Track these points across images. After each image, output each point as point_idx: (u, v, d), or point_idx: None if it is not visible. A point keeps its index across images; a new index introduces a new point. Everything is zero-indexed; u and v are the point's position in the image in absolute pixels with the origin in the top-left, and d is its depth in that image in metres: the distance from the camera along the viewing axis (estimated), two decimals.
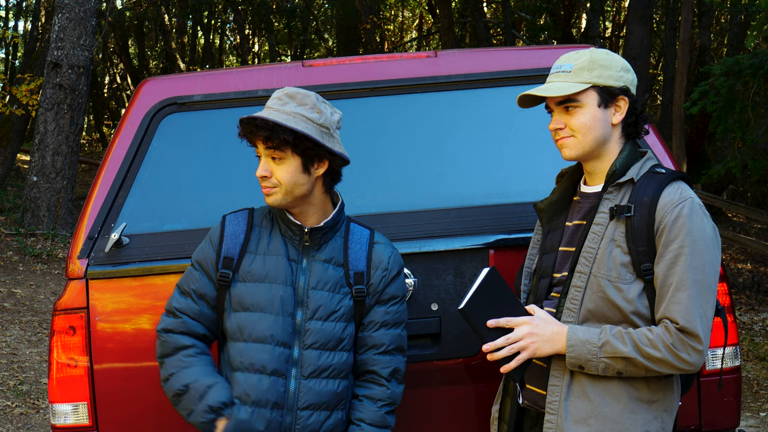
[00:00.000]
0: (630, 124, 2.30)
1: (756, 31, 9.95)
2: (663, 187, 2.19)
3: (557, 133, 2.30)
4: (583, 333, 2.18)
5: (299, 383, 2.34)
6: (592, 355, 2.16)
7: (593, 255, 2.22)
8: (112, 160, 2.85)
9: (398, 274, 2.47)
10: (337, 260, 2.41)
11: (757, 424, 5.71)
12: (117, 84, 26.47)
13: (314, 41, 24.10)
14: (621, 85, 2.27)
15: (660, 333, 2.13)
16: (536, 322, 2.21)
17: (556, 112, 2.29)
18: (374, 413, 2.41)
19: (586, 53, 2.29)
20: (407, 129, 2.95)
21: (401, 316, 2.47)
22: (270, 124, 2.28)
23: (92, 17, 10.50)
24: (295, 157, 2.32)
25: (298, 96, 2.35)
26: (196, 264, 2.44)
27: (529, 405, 2.38)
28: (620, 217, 2.21)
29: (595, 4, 16.17)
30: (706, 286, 2.13)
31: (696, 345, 2.11)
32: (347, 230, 2.46)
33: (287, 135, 2.28)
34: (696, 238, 2.13)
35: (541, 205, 2.44)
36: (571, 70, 2.26)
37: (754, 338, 7.80)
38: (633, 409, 2.20)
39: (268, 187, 2.35)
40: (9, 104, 12.11)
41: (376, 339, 2.42)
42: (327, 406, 2.36)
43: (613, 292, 2.19)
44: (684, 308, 2.11)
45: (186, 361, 2.37)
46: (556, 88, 2.26)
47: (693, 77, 13.12)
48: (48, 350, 3.24)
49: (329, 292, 2.37)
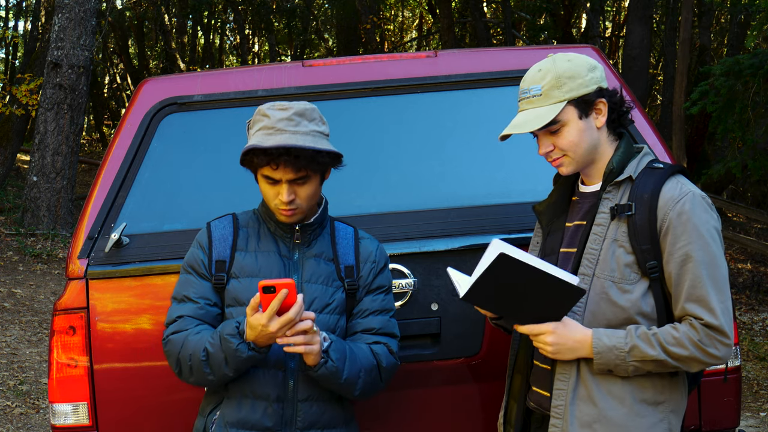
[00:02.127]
0: (614, 120, 2.28)
1: (756, 31, 9.95)
2: (662, 183, 2.18)
3: (549, 156, 2.28)
4: (609, 338, 2.15)
5: (298, 375, 2.34)
6: (621, 360, 2.14)
7: (596, 256, 2.21)
8: (112, 160, 2.85)
9: (385, 265, 2.50)
10: (327, 255, 2.43)
11: (757, 424, 5.71)
12: (117, 84, 26.47)
13: (314, 41, 24.10)
14: (594, 89, 2.22)
15: (686, 331, 2.11)
16: (560, 331, 2.17)
17: (541, 136, 2.27)
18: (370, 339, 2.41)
19: (548, 69, 2.23)
20: (407, 129, 2.95)
21: (388, 304, 2.48)
22: (309, 152, 2.24)
23: (92, 17, 10.50)
24: (316, 175, 2.33)
25: (306, 113, 2.31)
26: (189, 268, 2.42)
27: (534, 407, 2.37)
28: (621, 217, 2.19)
29: (595, 4, 16.16)
30: (720, 278, 2.13)
31: (723, 339, 2.10)
32: (332, 228, 2.49)
33: (325, 158, 2.28)
34: (702, 232, 2.12)
35: (540, 207, 2.44)
36: (541, 93, 2.21)
37: (754, 338, 7.80)
38: (638, 412, 2.18)
39: (292, 209, 2.33)
40: (9, 104, 12.11)
41: (364, 324, 2.42)
42: (326, 398, 2.37)
43: (617, 293, 2.18)
44: (705, 305, 2.10)
45: (197, 331, 2.33)
46: (535, 118, 2.21)
47: (693, 77, 13.12)
48: (48, 350, 3.24)
49: (323, 285, 2.39)
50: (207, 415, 2.41)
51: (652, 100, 19.50)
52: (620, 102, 2.28)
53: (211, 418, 2.39)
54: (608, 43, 20.04)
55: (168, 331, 2.38)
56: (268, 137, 2.26)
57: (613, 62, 15.42)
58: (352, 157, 2.47)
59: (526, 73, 2.29)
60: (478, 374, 2.78)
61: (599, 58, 2.95)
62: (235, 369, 2.27)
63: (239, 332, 2.23)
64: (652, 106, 19.51)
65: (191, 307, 2.37)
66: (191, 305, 2.38)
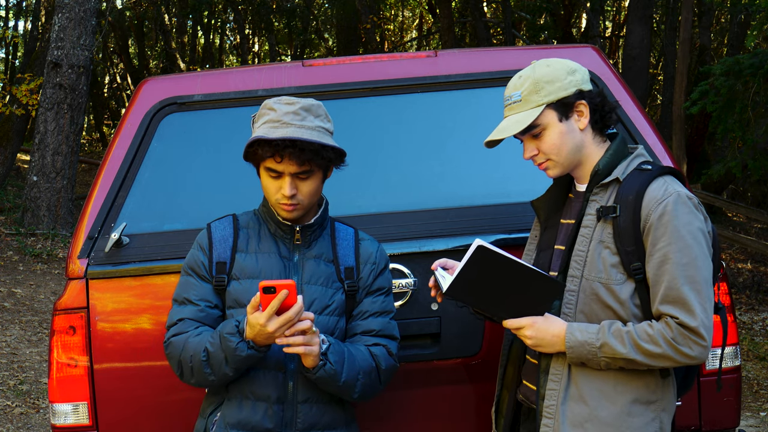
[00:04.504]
0: (597, 120, 2.29)
1: (756, 31, 9.95)
2: (648, 184, 2.18)
3: (534, 160, 2.32)
4: (581, 334, 2.17)
5: (297, 377, 2.34)
6: (592, 355, 2.17)
7: (583, 258, 2.23)
8: (112, 160, 2.85)
9: (385, 267, 2.50)
10: (327, 256, 2.42)
11: (757, 424, 5.71)
12: (117, 84, 26.47)
13: (314, 41, 24.10)
14: (573, 91, 2.24)
15: (660, 328, 2.12)
16: (538, 325, 2.20)
17: (525, 141, 2.31)
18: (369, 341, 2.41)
19: (528, 76, 2.27)
20: (407, 129, 2.95)
21: (388, 306, 2.48)
22: (316, 146, 2.25)
23: (92, 17, 10.50)
24: (319, 171, 2.33)
25: (312, 108, 2.32)
26: (189, 270, 2.42)
27: (523, 400, 2.40)
28: (607, 218, 2.21)
29: (595, 4, 16.16)
30: (700, 280, 2.12)
31: (698, 340, 2.10)
32: (333, 229, 2.48)
33: (330, 153, 2.29)
34: (683, 234, 2.11)
35: (537, 203, 2.46)
36: (521, 98, 2.26)
37: (754, 338, 7.80)
38: (630, 412, 2.19)
39: (293, 205, 2.33)
40: (9, 104, 12.11)
41: (364, 326, 2.42)
42: (326, 400, 2.36)
43: (605, 293, 2.19)
44: (681, 305, 2.10)
45: (197, 332, 2.32)
46: (514, 123, 2.26)
47: (693, 77, 13.13)
48: (48, 350, 3.24)
49: (322, 287, 2.38)
50: (207, 416, 2.41)
51: (652, 100, 19.50)
52: (602, 103, 2.29)
53: (212, 419, 2.39)
54: (608, 43, 20.05)
55: (169, 334, 2.37)
56: (274, 130, 2.26)
57: (613, 62, 15.41)
58: (352, 157, 2.47)
59: (509, 80, 2.33)
60: (478, 374, 2.79)
61: (599, 58, 2.95)
62: (235, 368, 2.27)
63: (239, 331, 2.23)
64: (652, 106, 19.52)
65: (192, 310, 2.37)
66: (192, 308, 2.37)
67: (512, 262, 2.16)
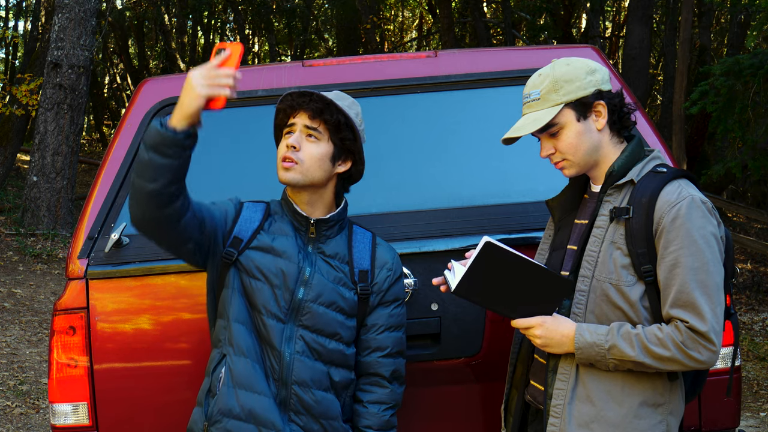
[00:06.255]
0: (615, 122, 2.29)
1: (756, 31, 9.96)
2: (662, 187, 2.18)
3: (551, 159, 2.31)
4: (590, 335, 2.16)
5: (293, 357, 2.34)
6: (601, 357, 2.16)
7: (595, 258, 2.22)
8: (112, 160, 2.85)
9: (401, 276, 2.52)
10: (341, 257, 2.44)
11: (757, 424, 5.71)
12: (117, 84, 26.47)
13: (314, 41, 24.09)
14: (592, 91, 2.24)
15: (670, 332, 2.11)
16: (547, 324, 2.20)
17: (542, 139, 2.30)
18: (379, 418, 2.44)
19: (547, 74, 2.26)
20: (407, 129, 2.95)
21: (402, 319, 2.51)
22: (327, 100, 2.35)
23: (92, 17, 10.50)
24: (329, 143, 2.38)
25: (348, 99, 2.45)
26: (215, 201, 2.44)
27: (530, 400, 2.40)
28: (620, 219, 2.20)
29: (595, 4, 16.16)
30: (711, 285, 2.11)
31: (707, 345, 2.09)
32: (350, 230, 2.50)
33: (339, 116, 2.36)
34: (695, 238, 2.11)
35: (552, 202, 2.46)
36: (540, 97, 2.25)
37: (754, 338, 7.81)
38: (637, 414, 2.19)
39: (290, 161, 2.35)
40: (9, 104, 12.11)
41: (380, 341, 2.45)
42: (320, 386, 2.37)
43: (616, 295, 2.18)
44: (692, 310, 2.09)
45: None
46: (532, 121, 2.25)
47: (693, 77, 13.11)
48: (48, 350, 3.24)
49: (333, 284, 2.40)
50: (212, 373, 2.40)
51: (652, 100, 19.50)
52: (621, 104, 2.28)
53: (217, 376, 2.38)
54: (608, 43, 20.04)
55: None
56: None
57: (613, 62, 15.42)
58: None
59: (530, 78, 2.33)
60: (478, 374, 2.79)
61: (599, 58, 2.95)
62: (151, 146, 2.14)
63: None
64: (652, 106, 19.52)
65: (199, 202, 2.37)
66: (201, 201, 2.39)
67: (520, 259, 2.16)
